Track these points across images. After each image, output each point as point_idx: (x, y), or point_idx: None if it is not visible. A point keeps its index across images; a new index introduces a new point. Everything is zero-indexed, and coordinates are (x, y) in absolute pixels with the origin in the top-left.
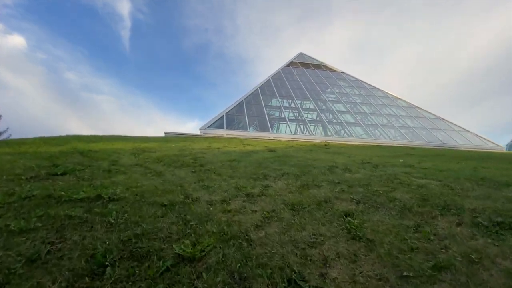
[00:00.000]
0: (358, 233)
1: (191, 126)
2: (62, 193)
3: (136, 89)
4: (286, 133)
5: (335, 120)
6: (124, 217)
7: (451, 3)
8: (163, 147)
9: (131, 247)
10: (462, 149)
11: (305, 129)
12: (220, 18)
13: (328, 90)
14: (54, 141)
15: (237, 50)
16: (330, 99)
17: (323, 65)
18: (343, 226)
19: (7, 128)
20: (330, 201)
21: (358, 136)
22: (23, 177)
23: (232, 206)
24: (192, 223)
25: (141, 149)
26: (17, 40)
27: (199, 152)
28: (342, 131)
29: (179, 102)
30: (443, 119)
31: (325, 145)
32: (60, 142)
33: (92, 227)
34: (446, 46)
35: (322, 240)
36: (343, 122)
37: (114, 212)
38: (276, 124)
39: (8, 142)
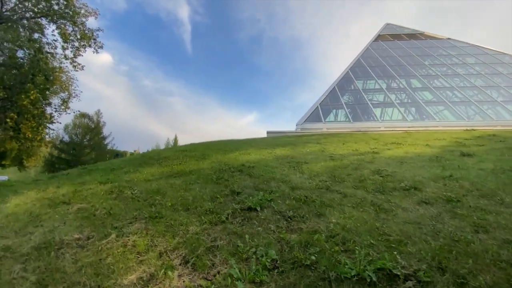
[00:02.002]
0: None
1: (251, 118)
2: (323, 260)
3: (200, 88)
4: (403, 120)
5: (457, 99)
6: None
7: None
8: (302, 153)
9: None
10: None
11: (424, 114)
12: (271, 5)
13: (436, 62)
14: (191, 153)
15: (291, 34)
16: (443, 72)
17: (419, 34)
18: None
19: (111, 133)
20: None
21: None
22: (222, 216)
23: None
24: None
25: (285, 158)
26: (105, 57)
27: (361, 160)
28: (473, 113)
29: (237, 96)
30: None
31: (493, 135)
32: (197, 154)
33: None
34: None
35: None
36: (471, 100)
37: None
38: (381, 109)
39: (150, 156)
